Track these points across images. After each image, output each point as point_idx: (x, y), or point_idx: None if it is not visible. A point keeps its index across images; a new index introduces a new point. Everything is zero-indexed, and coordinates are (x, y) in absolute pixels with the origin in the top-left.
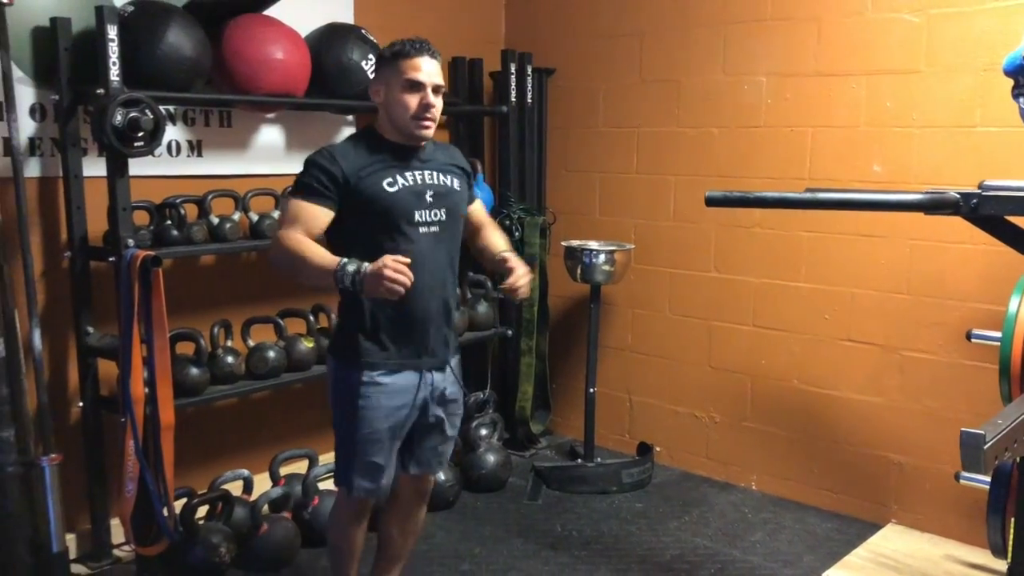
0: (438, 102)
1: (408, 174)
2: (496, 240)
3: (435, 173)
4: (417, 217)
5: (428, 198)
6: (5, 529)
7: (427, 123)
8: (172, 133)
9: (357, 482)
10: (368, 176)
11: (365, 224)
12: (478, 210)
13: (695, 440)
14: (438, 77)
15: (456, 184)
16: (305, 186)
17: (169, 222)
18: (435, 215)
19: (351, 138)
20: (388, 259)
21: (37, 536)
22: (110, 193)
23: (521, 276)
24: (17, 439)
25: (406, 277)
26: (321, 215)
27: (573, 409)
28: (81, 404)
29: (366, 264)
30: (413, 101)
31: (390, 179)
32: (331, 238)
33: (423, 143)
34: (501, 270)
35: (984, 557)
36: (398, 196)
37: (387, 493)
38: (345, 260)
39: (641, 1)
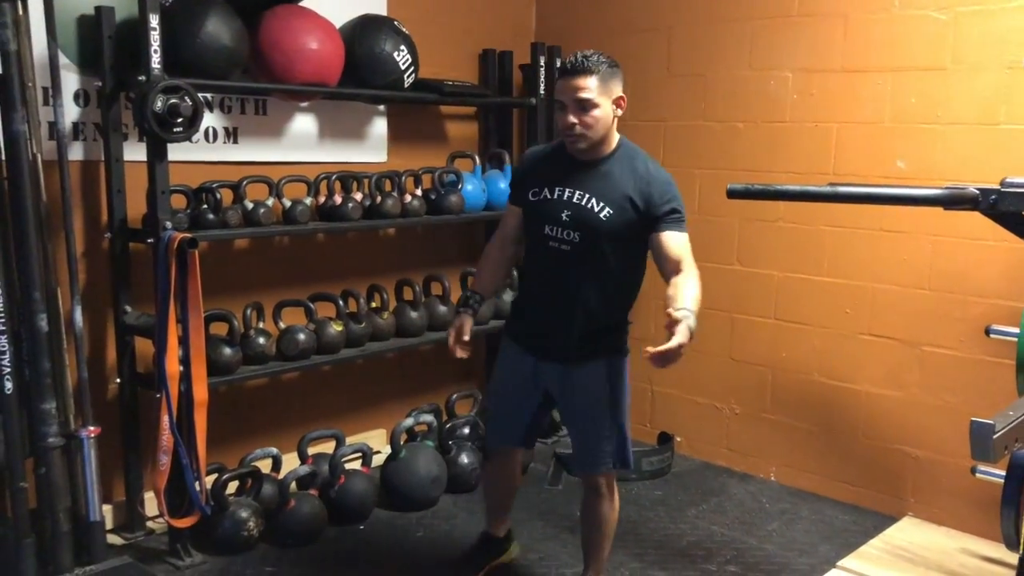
0: (589, 116)
1: (558, 188)
2: (680, 292)
3: (586, 195)
4: (547, 231)
5: (564, 216)
6: (46, 497)
7: (571, 139)
8: (209, 120)
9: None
10: (529, 181)
11: (526, 224)
12: (664, 247)
13: (715, 431)
14: (584, 92)
15: (604, 212)
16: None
17: (205, 206)
18: (567, 235)
19: (552, 143)
20: (453, 333)
21: (76, 506)
22: (149, 177)
23: (666, 347)
24: (58, 412)
25: (457, 351)
26: (511, 212)
27: None
28: (119, 380)
29: (461, 314)
30: (560, 120)
31: (537, 188)
32: None
33: (597, 157)
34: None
35: (999, 551)
36: (537, 207)
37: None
38: (470, 294)
39: None
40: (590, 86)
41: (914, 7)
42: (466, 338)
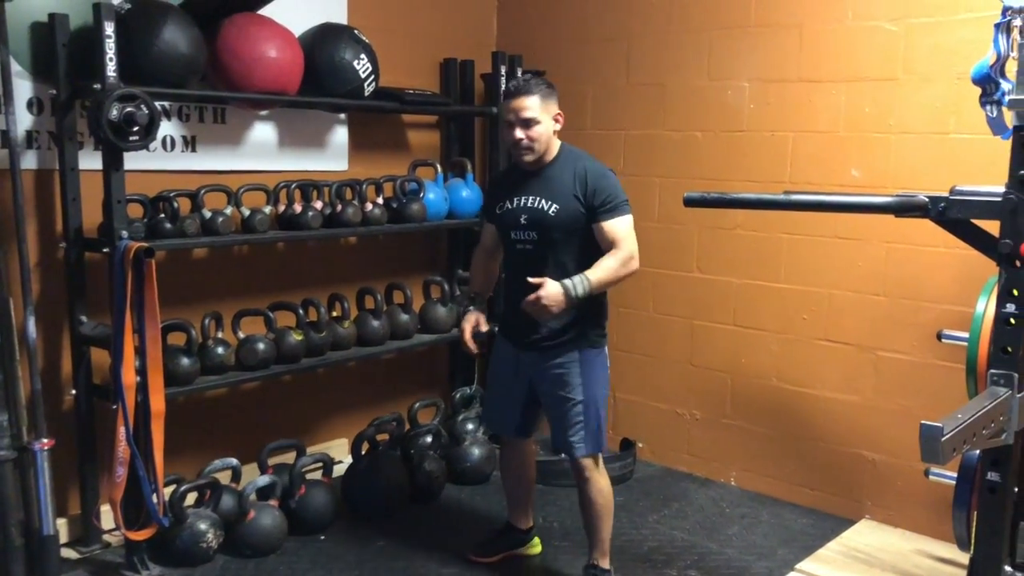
0: (532, 131)
1: (516, 197)
2: (595, 264)
3: (538, 198)
4: (513, 236)
5: (523, 220)
6: None
7: (519, 152)
8: (167, 128)
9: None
10: (495, 198)
11: (499, 234)
12: (600, 234)
13: (676, 437)
14: (527, 112)
15: (552, 208)
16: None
17: (162, 215)
18: (527, 235)
19: (510, 164)
20: (469, 328)
21: (29, 520)
22: (105, 186)
23: (537, 294)
24: (10, 424)
25: (472, 345)
26: (487, 229)
27: None
28: (74, 391)
29: (472, 311)
30: (508, 136)
31: (501, 202)
32: None
33: (543, 164)
34: None
35: (952, 551)
36: (503, 217)
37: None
38: (474, 295)
39: (629, 6)
40: (532, 106)
41: (867, 18)
42: (484, 329)
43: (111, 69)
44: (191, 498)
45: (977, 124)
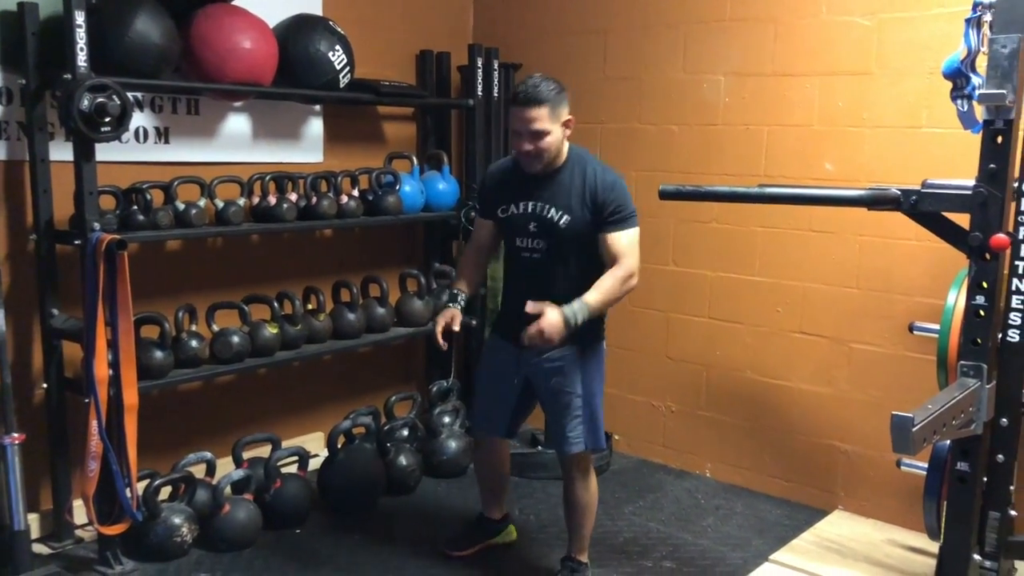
0: (542, 143)
1: (522, 203)
2: (592, 288)
3: (548, 207)
4: (519, 242)
5: (531, 227)
6: None
7: (527, 163)
8: (139, 120)
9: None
10: (495, 197)
11: (502, 237)
12: (605, 246)
13: (652, 429)
14: (537, 124)
15: (563, 219)
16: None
17: (135, 207)
18: (536, 243)
19: (508, 159)
20: (443, 323)
21: None
22: (76, 177)
23: (539, 326)
24: None
25: (441, 340)
26: (481, 224)
27: None
28: (45, 385)
29: (450, 307)
30: (516, 145)
31: (504, 205)
32: None
33: (551, 169)
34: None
35: (922, 541)
36: (507, 222)
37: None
38: (456, 291)
39: None
40: (541, 116)
41: (841, 13)
42: (456, 328)
43: (82, 59)
44: (165, 492)
45: (949, 118)
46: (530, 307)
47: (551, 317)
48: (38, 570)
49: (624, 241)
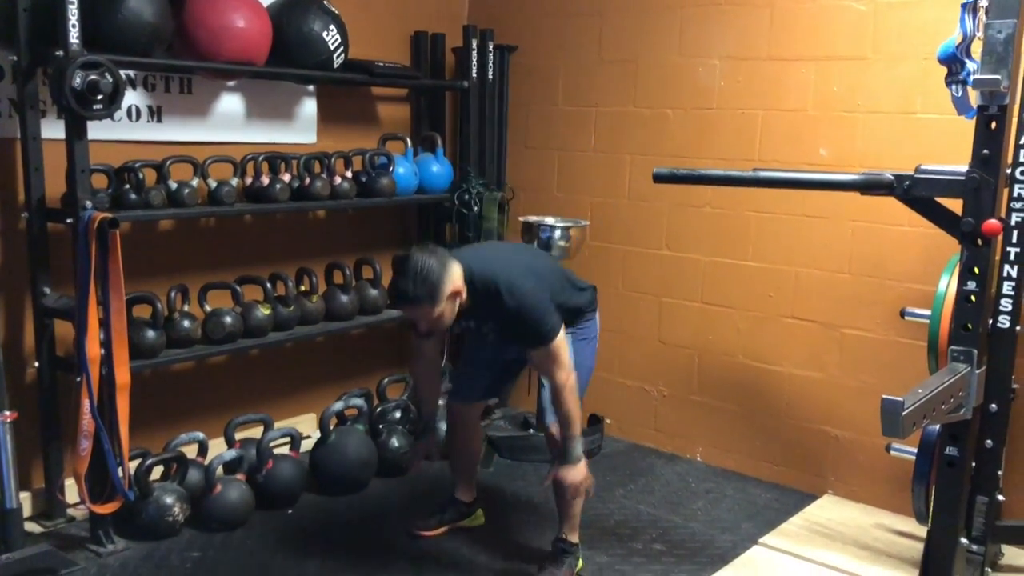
0: (434, 323)
1: (461, 321)
2: (560, 424)
3: (482, 322)
4: (471, 329)
5: (473, 324)
6: None
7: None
8: (132, 98)
9: None
10: None
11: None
12: (534, 362)
13: (644, 413)
14: (424, 318)
15: (497, 326)
16: None
17: (127, 186)
18: (488, 327)
19: None
20: (420, 454)
21: None
22: (68, 155)
23: (567, 483)
24: None
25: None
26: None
27: (526, 382)
28: (37, 364)
29: (427, 439)
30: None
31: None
32: None
33: (464, 314)
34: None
35: (911, 525)
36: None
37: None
38: (426, 420)
39: None
40: (424, 311)
41: None
42: (432, 459)
43: (74, 36)
44: (157, 472)
45: (943, 104)
46: (547, 482)
47: (570, 477)
48: (30, 548)
49: (550, 352)
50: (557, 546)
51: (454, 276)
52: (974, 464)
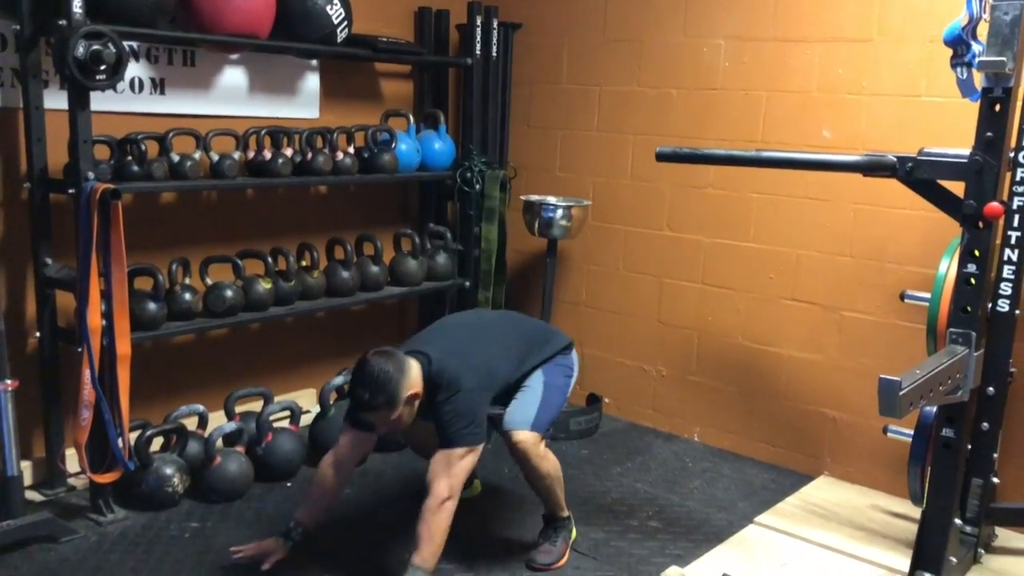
0: (394, 425)
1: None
2: (419, 541)
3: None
4: None
5: None
6: None
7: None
8: (135, 70)
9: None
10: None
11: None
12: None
13: (642, 392)
14: (381, 422)
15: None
16: None
17: (130, 158)
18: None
19: None
20: (256, 552)
21: None
22: (71, 125)
23: None
24: None
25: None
26: (349, 436)
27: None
28: (38, 334)
29: (283, 545)
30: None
31: None
32: None
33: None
34: None
35: (906, 507)
36: None
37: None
38: (293, 526)
39: None
40: (383, 416)
41: None
42: (266, 567)
43: (77, 5)
44: (157, 444)
45: (947, 88)
46: None
47: None
48: (30, 515)
49: (448, 458)
50: (548, 521)
51: (412, 378)
52: (970, 446)
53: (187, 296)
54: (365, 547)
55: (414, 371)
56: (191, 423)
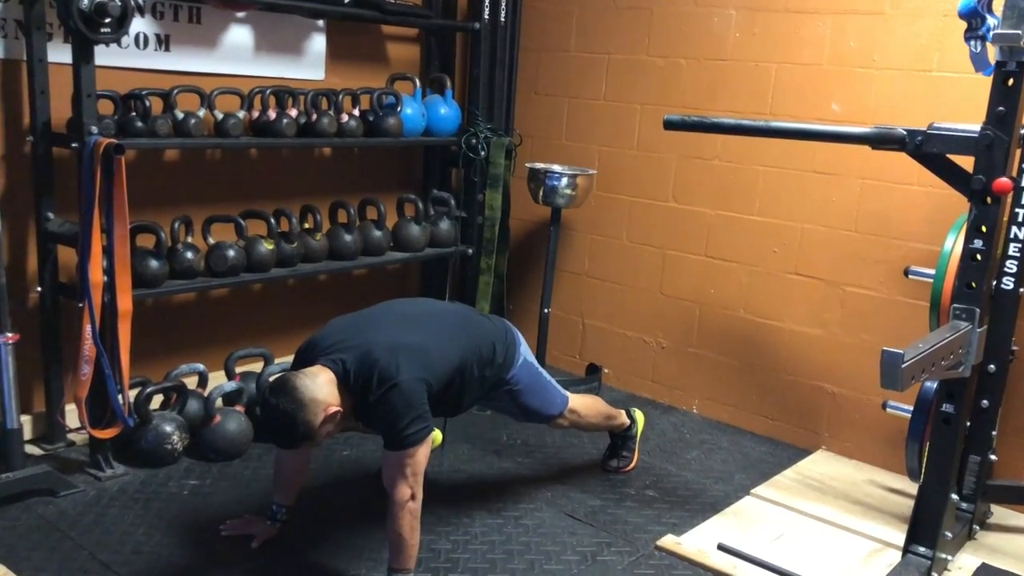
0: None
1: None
2: (390, 549)
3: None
4: None
5: None
6: None
7: None
8: (140, 25)
9: None
10: None
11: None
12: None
13: (642, 364)
14: (303, 447)
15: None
16: None
17: (134, 114)
18: None
19: None
20: (242, 528)
21: None
22: (75, 79)
23: None
24: None
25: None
26: None
27: (527, 329)
28: (40, 289)
29: (270, 526)
30: None
31: None
32: None
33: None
34: None
35: (902, 482)
36: None
37: None
38: (276, 508)
39: None
40: (308, 445)
41: None
42: (255, 546)
43: None
44: (157, 402)
45: (960, 62)
46: None
47: None
48: (30, 468)
49: (395, 463)
50: (614, 439)
51: (322, 398)
52: (969, 423)
53: (189, 255)
54: (348, 521)
55: (323, 389)
56: (191, 382)
